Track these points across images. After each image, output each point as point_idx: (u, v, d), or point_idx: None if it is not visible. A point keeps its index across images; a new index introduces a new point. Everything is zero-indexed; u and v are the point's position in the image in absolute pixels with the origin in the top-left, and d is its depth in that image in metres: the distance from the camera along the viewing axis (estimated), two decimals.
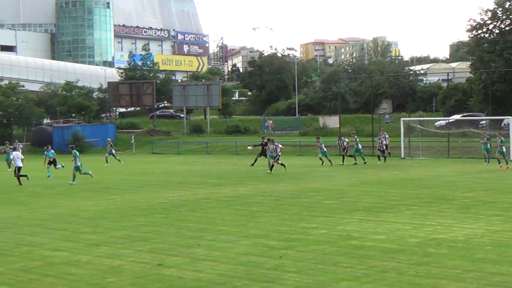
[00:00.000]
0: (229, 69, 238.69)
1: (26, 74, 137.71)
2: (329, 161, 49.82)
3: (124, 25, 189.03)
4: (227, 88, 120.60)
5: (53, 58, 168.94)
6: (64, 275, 15.51)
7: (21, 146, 62.88)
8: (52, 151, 46.76)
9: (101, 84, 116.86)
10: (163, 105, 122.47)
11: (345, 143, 52.38)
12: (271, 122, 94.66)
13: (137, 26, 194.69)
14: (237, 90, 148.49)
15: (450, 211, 23.97)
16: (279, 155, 44.55)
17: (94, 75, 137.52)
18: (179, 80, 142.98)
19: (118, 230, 21.55)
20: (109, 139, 62.80)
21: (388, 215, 23.37)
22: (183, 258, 16.90)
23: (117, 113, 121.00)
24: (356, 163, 49.92)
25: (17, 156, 40.88)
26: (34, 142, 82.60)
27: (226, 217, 23.94)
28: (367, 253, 16.78)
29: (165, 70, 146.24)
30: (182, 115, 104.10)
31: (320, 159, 50.20)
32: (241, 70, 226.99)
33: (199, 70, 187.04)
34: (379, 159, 50.98)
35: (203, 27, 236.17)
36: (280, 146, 45.24)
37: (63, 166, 45.68)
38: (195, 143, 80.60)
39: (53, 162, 45.59)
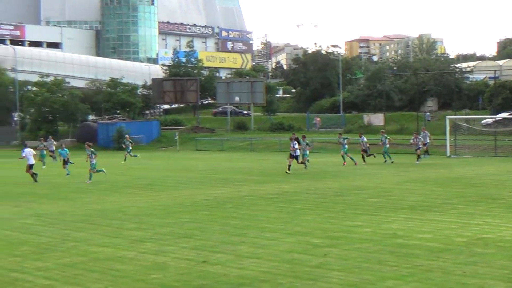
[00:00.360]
0: (273, 66, 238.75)
1: (72, 71, 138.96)
2: (347, 158, 48.90)
3: (168, 22, 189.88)
4: (271, 85, 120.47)
5: (98, 54, 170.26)
6: (109, 271, 15.59)
7: (55, 143, 62.25)
8: (66, 149, 46.29)
9: (146, 81, 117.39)
10: (207, 102, 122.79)
11: (366, 142, 50.80)
12: (319, 119, 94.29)
13: (181, 23, 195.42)
14: (281, 87, 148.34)
15: (498, 210, 23.66)
16: (298, 155, 43.71)
17: (138, 72, 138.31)
18: (223, 77, 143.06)
19: (162, 227, 21.62)
20: (127, 136, 61.63)
21: (434, 213, 23.14)
22: (227, 255, 16.88)
23: (161, 109, 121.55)
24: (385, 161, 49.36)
25: (29, 153, 40.42)
26: (79, 138, 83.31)
27: (270, 215, 23.90)
28: (413, 252, 16.62)
29: (209, 67, 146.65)
30: (245, 111, 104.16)
31: (342, 156, 48.96)
32: (285, 67, 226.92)
33: (243, 67, 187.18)
34: (418, 159, 49.77)
35: (247, 24, 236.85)
36: (297, 146, 44.07)
37: (72, 162, 45.60)
38: (238, 140, 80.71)
39: (66, 161, 44.99)
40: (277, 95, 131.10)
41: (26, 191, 34.51)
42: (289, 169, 41.99)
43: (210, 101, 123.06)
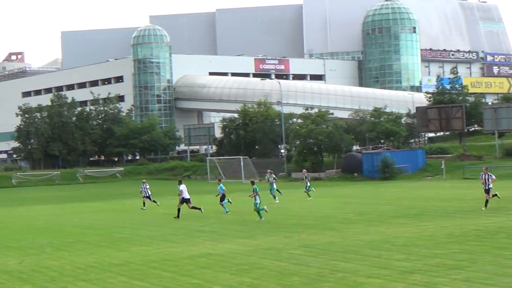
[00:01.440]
0: None
1: (335, 102, 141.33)
2: None
3: (430, 49, 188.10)
4: None
5: (360, 85, 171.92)
6: None
7: (274, 177, 53.66)
8: (221, 185, 43.62)
9: (409, 109, 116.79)
10: (473, 129, 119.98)
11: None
12: None
13: (444, 50, 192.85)
14: None
15: None
16: (491, 188, 38.54)
17: (401, 101, 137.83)
18: (490, 103, 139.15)
19: (431, 258, 21.20)
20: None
21: None
22: None
23: (426, 138, 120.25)
24: None
25: (184, 189, 41.04)
26: (344, 169, 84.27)
27: None
28: None
29: (474, 93, 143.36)
30: None
31: None
32: None
33: (510, 91, 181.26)
34: None
35: None
36: (493, 177, 39.45)
37: (229, 201, 43.55)
38: (508, 168, 77.90)
39: (221, 198, 43.04)
40: None
41: (295, 222, 35.25)
42: (486, 205, 37.69)
43: (476, 128, 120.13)
